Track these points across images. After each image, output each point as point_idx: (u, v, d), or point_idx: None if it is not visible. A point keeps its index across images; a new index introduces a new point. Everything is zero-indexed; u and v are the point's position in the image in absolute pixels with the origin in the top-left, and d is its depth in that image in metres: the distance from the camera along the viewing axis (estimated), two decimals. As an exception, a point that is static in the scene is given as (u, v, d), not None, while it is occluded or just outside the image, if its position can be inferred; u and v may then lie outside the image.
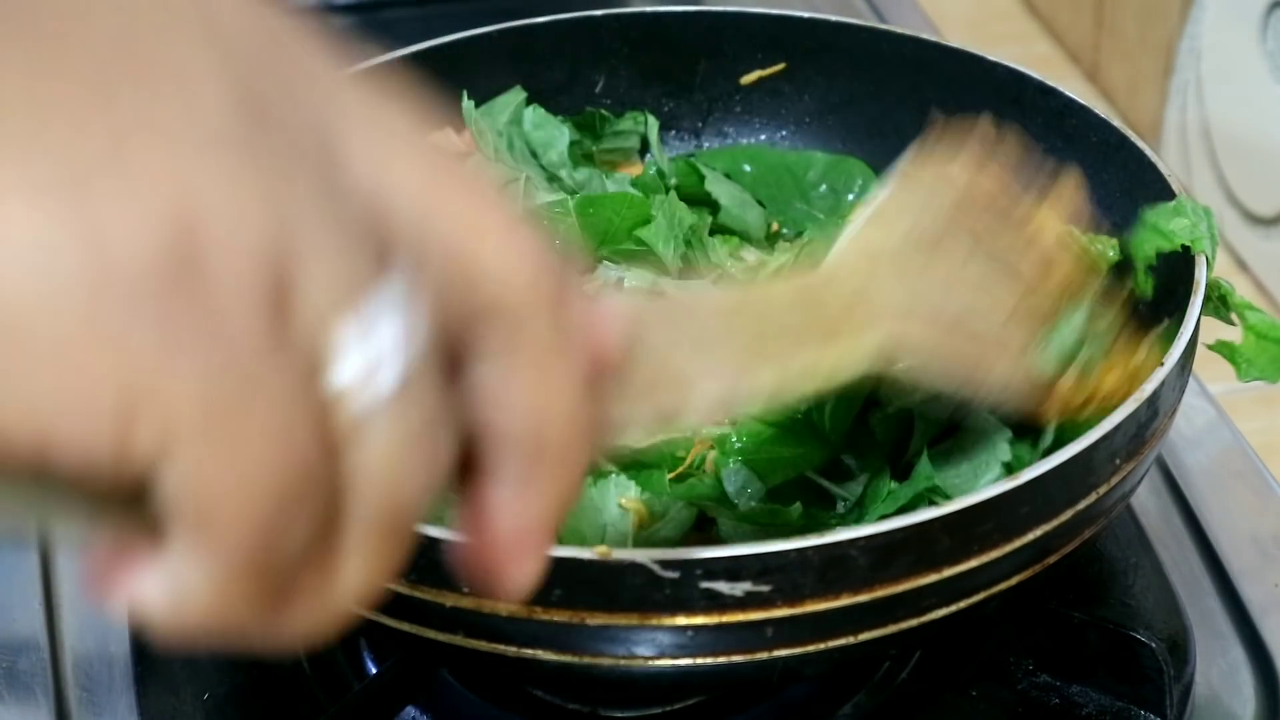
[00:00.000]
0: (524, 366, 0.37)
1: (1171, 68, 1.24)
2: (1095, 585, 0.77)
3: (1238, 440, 0.87)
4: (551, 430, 0.37)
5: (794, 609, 0.59)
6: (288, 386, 0.32)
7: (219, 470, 0.31)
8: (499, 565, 0.39)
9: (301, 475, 0.32)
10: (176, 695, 0.73)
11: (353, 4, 1.30)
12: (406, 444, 0.34)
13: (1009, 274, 0.68)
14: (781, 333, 0.57)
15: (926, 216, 0.67)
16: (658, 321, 0.51)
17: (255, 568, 0.33)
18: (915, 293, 0.64)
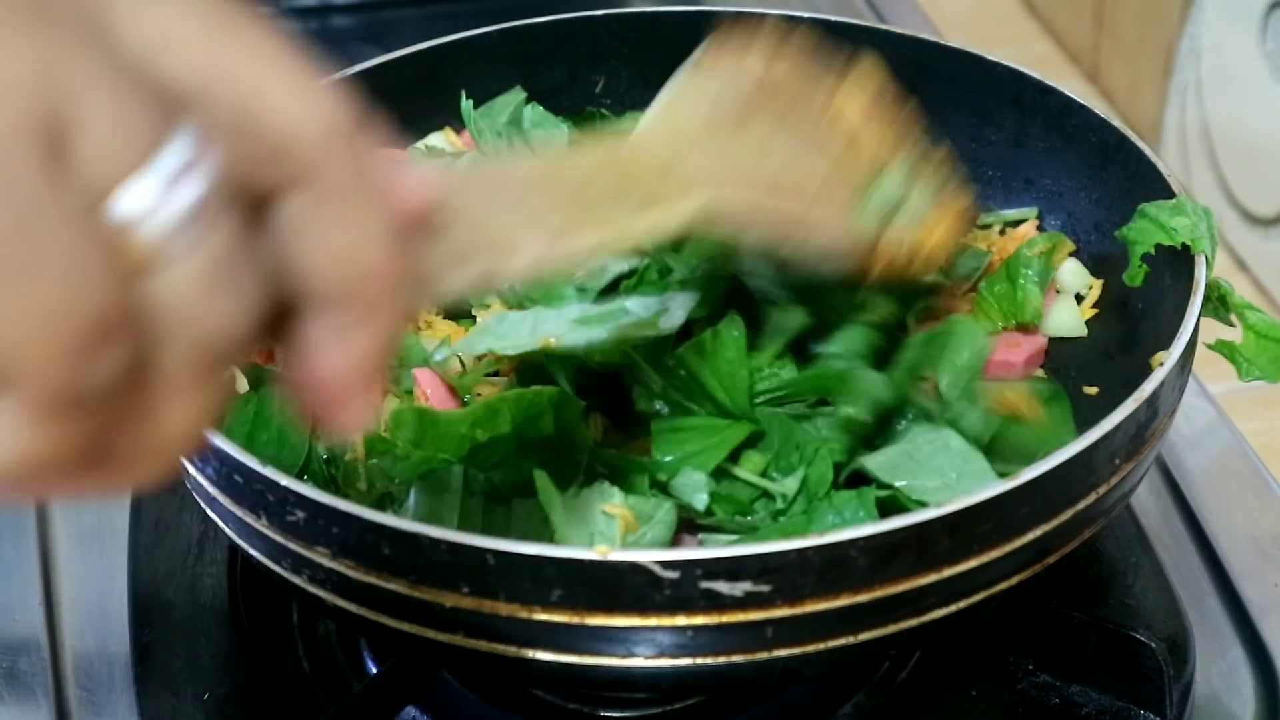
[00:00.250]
0: (322, 206, 0.38)
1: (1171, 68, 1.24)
2: (1095, 585, 0.77)
3: (1237, 440, 0.87)
4: (358, 270, 0.39)
5: (794, 609, 0.59)
6: (72, 225, 0.33)
7: (11, 308, 0.32)
8: (327, 406, 0.40)
9: (100, 307, 0.33)
10: (176, 695, 0.73)
11: (353, 4, 1.30)
12: (206, 275, 0.35)
13: (815, 149, 0.70)
14: (595, 197, 0.58)
15: (727, 97, 0.69)
16: (469, 186, 0.52)
17: (66, 410, 0.33)
18: (727, 160, 0.65)
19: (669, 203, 0.60)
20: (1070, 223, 0.86)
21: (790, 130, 0.70)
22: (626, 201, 0.59)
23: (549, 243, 0.53)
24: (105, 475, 0.36)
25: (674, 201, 0.61)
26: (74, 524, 0.84)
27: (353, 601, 0.62)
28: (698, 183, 0.63)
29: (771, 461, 0.72)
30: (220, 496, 0.65)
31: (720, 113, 0.68)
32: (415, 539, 0.59)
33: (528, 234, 0.53)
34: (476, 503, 0.68)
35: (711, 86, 0.69)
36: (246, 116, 0.37)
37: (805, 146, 0.69)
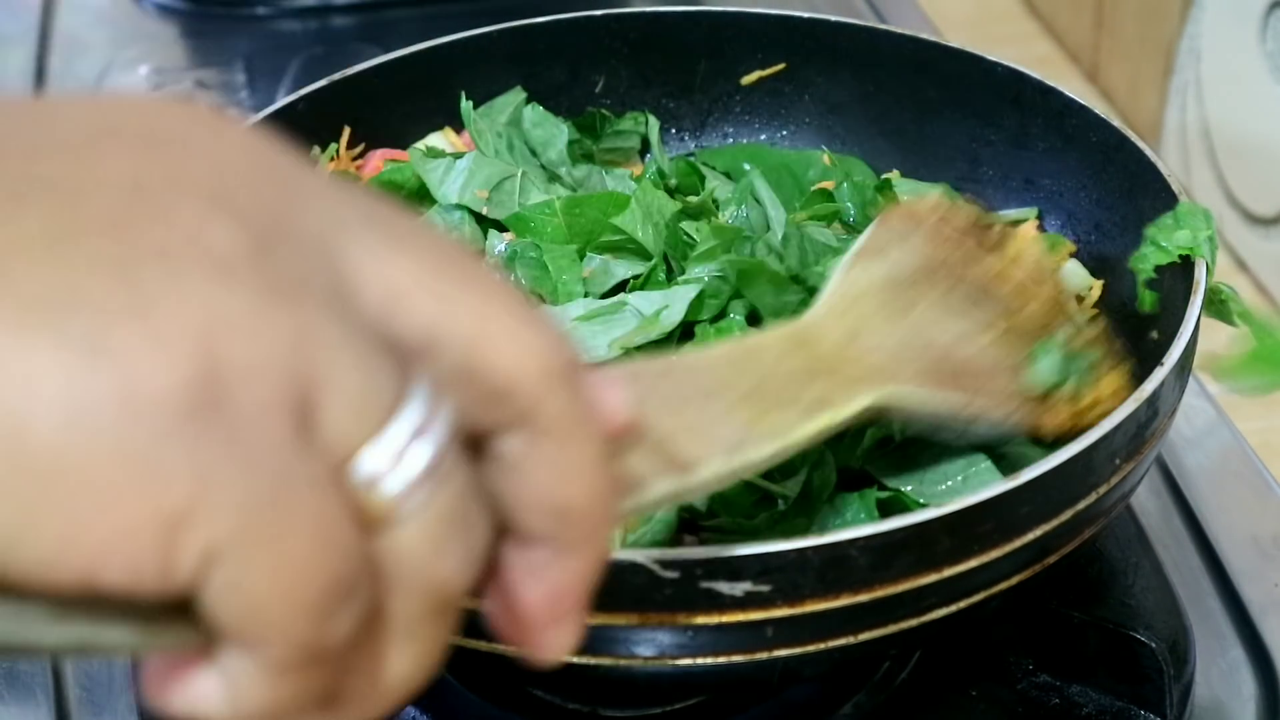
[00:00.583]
0: (545, 442, 0.39)
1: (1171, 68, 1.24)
2: (1095, 585, 0.77)
3: (1238, 440, 0.87)
4: (576, 501, 0.39)
5: (794, 609, 0.59)
6: (319, 493, 0.34)
7: (263, 575, 0.33)
8: (535, 634, 0.41)
9: (340, 571, 0.34)
10: (177, 695, 0.73)
11: (353, 4, 1.30)
12: (439, 528, 0.36)
13: (989, 300, 0.71)
14: (780, 379, 0.59)
15: (904, 255, 0.71)
16: (655, 380, 0.54)
17: (305, 665, 0.35)
18: (902, 330, 0.67)
19: (845, 392, 0.61)
20: (1070, 223, 0.86)
21: (963, 283, 0.71)
22: (810, 377, 0.60)
23: (728, 457, 0.53)
24: (331, 716, 0.37)
25: (849, 393, 0.62)
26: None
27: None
28: (873, 371, 0.64)
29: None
30: (220, 496, 0.65)
31: (897, 272, 0.69)
32: (415, 539, 0.59)
33: (718, 422, 0.54)
34: None
35: (889, 242, 0.71)
36: (472, 362, 0.37)
37: (977, 300, 0.71)
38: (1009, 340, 0.70)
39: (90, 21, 1.33)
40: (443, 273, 0.38)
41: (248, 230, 0.35)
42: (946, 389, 0.66)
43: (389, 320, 0.37)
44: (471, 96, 0.90)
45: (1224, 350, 0.74)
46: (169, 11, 1.33)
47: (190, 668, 0.36)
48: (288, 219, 0.36)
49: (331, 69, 0.88)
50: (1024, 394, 0.69)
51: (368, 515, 0.35)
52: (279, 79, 1.20)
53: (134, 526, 0.32)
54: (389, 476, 0.35)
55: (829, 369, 0.62)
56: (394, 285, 0.37)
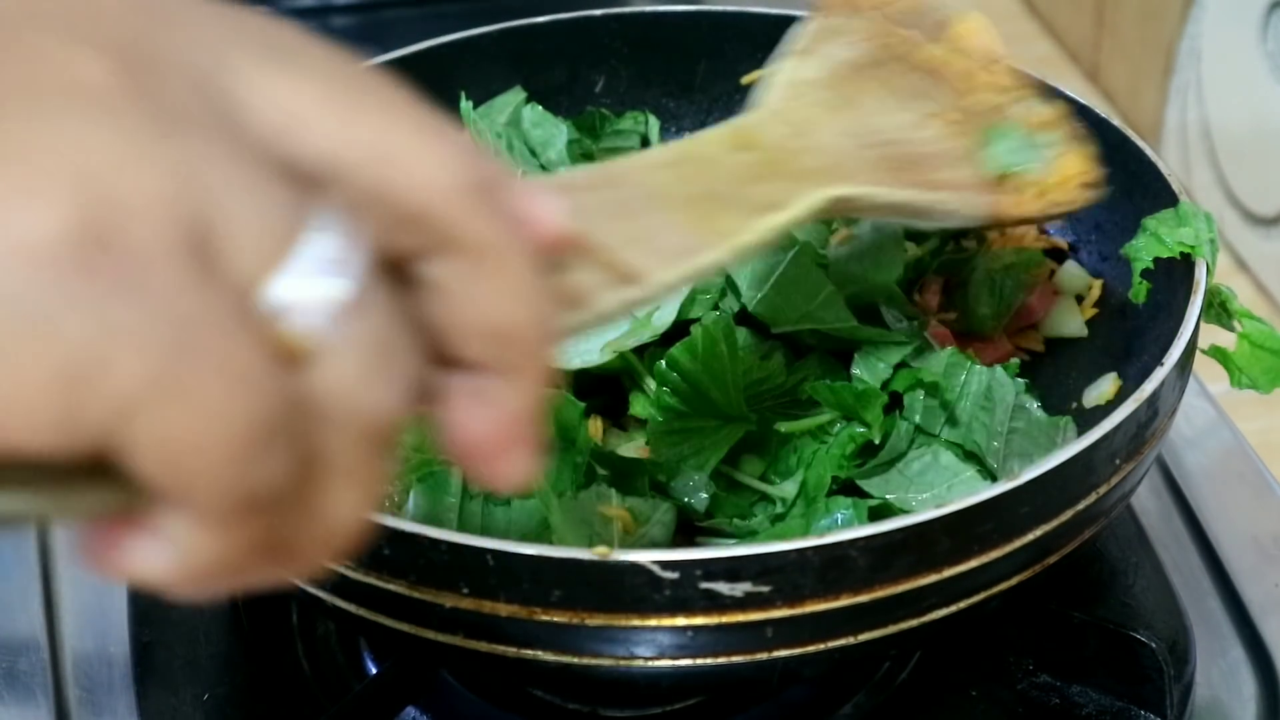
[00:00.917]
0: (471, 264, 0.37)
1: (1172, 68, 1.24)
2: (1095, 585, 0.77)
3: (1238, 440, 0.87)
4: (512, 323, 0.38)
5: (794, 609, 0.59)
6: (228, 333, 0.32)
7: (180, 426, 0.31)
8: (490, 463, 0.39)
9: (261, 410, 0.32)
10: (176, 695, 0.73)
11: (353, 4, 1.30)
12: (365, 358, 0.34)
13: (936, 86, 0.69)
14: (724, 180, 0.57)
15: (843, 47, 0.68)
16: (593, 190, 0.51)
17: (244, 512, 0.33)
18: (848, 122, 0.65)
19: (795, 190, 0.59)
20: (1070, 222, 0.86)
21: (905, 89, 0.69)
22: (759, 176, 0.58)
23: (678, 264, 0.51)
24: (275, 567, 0.35)
25: (799, 190, 0.59)
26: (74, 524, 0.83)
27: (352, 602, 0.62)
28: (822, 167, 0.62)
29: (769, 465, 0.72)
30: (220, 497, 0.65)
31: (838, 80, 0.67)
32: (415, 539, 0.59)
33: (665, 226, 0.51)
34: (476, 504, 0.68)
35: (837, 29, 0.69)
36: (381, 184, 0.36)
37: (925, 84, 0.69)
38: (961, 126, 0.68)
39: (90, 21, 1.32)
40: (342, 93, 0.36)
41: (118, 59, 0.33)
42: (900, 182, 0.64)
43: (286, 146, 0.35)
44: (471, 96, 0.90)
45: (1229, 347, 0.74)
46: None
47: (128, 532, 0.34)
48: (164, 46, 0.34)
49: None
50: (982, 180, 0.67)
51: (286, 350, 0.33)
52: (279, 79, 1.20)
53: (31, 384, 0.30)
54: (303, 307, 0.33)
55: (775, 168, 0.60)
56: (289, 108, 0.35)
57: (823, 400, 0.72)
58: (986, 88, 0.71)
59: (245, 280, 0.33)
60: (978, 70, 0.71)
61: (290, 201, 0.34)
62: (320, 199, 0.34)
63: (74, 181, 0.31)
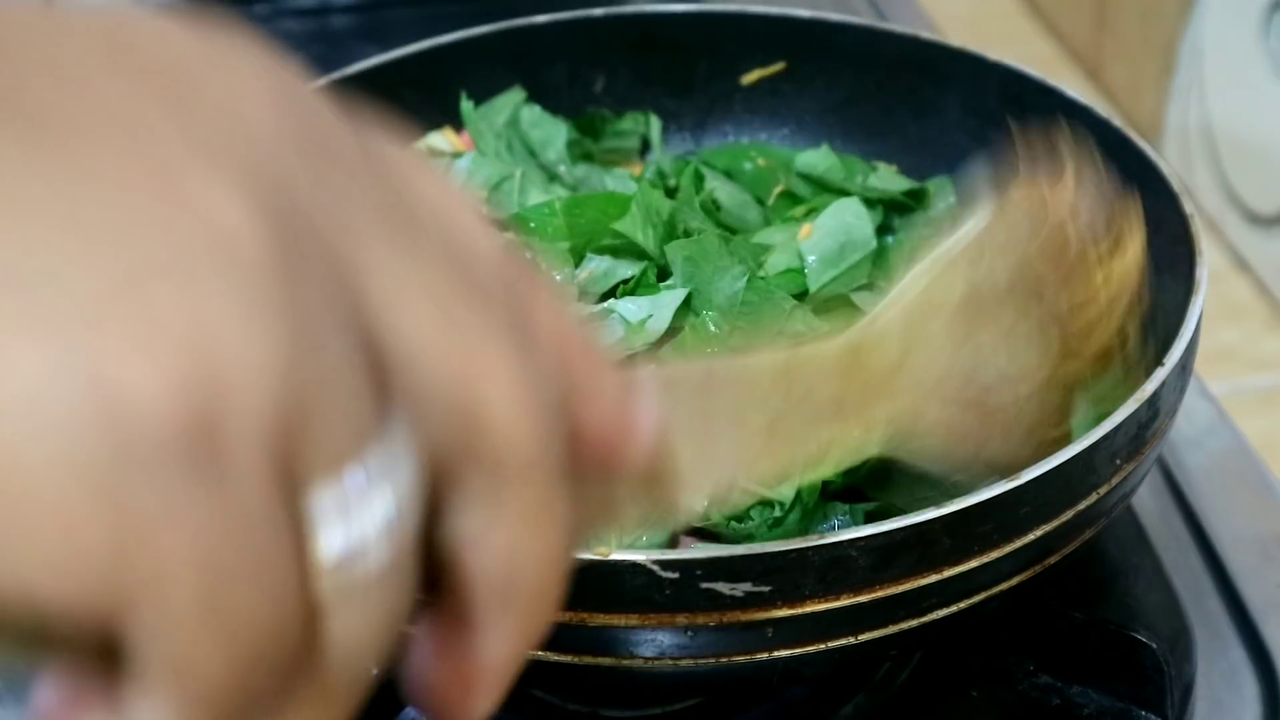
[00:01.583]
0: (511, 520, 0.34)
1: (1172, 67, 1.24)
2: (1096, 585, 0.77)
3: (1238, 440, 0.87)
4: (526, 579, 0.35)
5: (794, 609, 0.59)
6: (282, 556, 0.29)
7: (202, 632, 0.29)
8: (453, 699, 0.37)
9: (280, 643, 0.30)
10: (176, 696, 0.73)
11: (353, 4, 1.30)
12: (383, 619, 0.32)
13: (1053, 337, 0.60)
14: (812, 408, 0.51)
15: (1004, 261, 0.59)
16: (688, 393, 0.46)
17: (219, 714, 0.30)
18: (950, 364, 0.57)
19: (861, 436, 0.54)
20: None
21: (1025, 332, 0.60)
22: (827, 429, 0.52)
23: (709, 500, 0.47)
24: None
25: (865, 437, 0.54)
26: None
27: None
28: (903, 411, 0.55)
29: None
30: (219, 497, 0.65)
31: (971, 306, 0.58)
32: (415, 539, 0.59)
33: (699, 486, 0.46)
34: None
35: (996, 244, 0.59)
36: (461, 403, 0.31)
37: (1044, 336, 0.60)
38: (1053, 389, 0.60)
39: (90, 21, 1.32)
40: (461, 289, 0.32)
41: (265, 213, 0.29)
42: (961, 436, 0.58)
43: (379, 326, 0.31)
44: (471, 96, 0.90)
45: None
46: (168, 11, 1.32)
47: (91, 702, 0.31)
48: (312, 204, 0.30)
49: (331, 69, 0.88)
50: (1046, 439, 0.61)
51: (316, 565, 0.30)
52: (279, 79, 1.20)
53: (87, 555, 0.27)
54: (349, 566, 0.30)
55: (861, 401, 0.54)
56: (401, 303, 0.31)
57: None
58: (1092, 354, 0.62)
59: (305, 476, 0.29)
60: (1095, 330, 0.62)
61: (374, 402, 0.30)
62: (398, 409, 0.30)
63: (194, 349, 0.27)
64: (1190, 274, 0.71)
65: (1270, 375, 1.04)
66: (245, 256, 0.28)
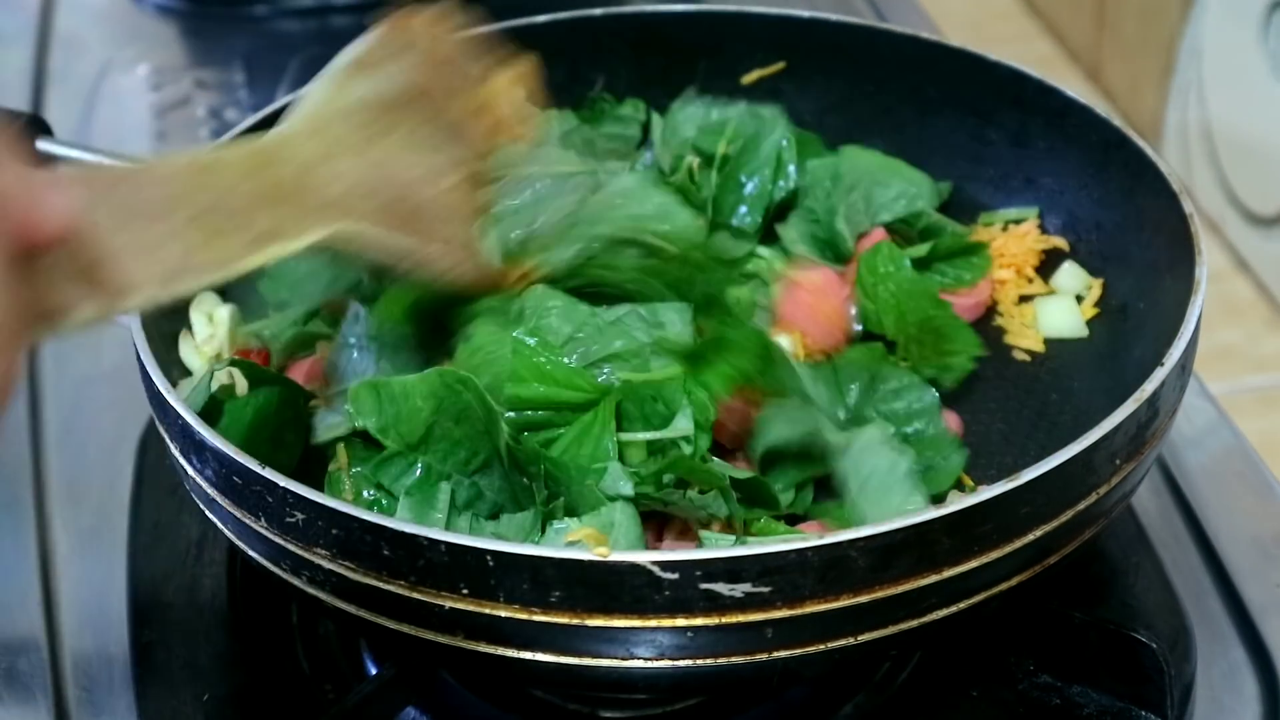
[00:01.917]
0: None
1: (1172, 67, 1.24)
2: (1096, 585, 0.77)
3: (1238, 440, 0.87)
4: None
5: (794, 610, 0.59)
6: None
7: None
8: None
9: None
10: (176, 695, 0.73)
11: (352, 4, 1.30)
12: None
13: (461, 138, 0.71)
14: (237, 200, 0.59)
15: (393, 75, 0.70)
16: (110, 187, 0.54)
17: None
18: (371, 157, 0.67)
19: (298, 225, 0.62)
20: (1071, 221, 0.86)
21: (433, 134, 0.71)
22: (262, 205, 0.60)
23: (163, 285, 0.54)
24: None
25: (302, 225, 0.62)
26: (73, 524, 0.84)
27: (352, 603, 0.62)
28: (331, 204, 0.64)
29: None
30: (219, 498, 0.65)
31: (375, 110, 0.69)
32: (415, 540, 0.59)
33: (146, 271, 0.54)
34: (464, 520, 0.68)
35: (370, 79, 0.70)
36: None
37: (443, 154, 0.71)
38: (471, 185, 0.71)
39: (89, 21, 1.33)
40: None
41: None
42: (399, 231, 0.67)
43: None
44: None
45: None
46: (168, 11, 1.33)
47: None
48: None
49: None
50: (473, 244, 0.70)
51: None
52: (278, 78, 1.20)
53: None
54: None
55: (288, 195, 0.62)
56: None
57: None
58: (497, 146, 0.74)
59: None
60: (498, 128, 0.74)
61: None
62: None
63: None
64: (1190, 274, 0.71)
65: (1270, 375, 1.04)
66: None
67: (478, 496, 0.68)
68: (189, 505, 0.74)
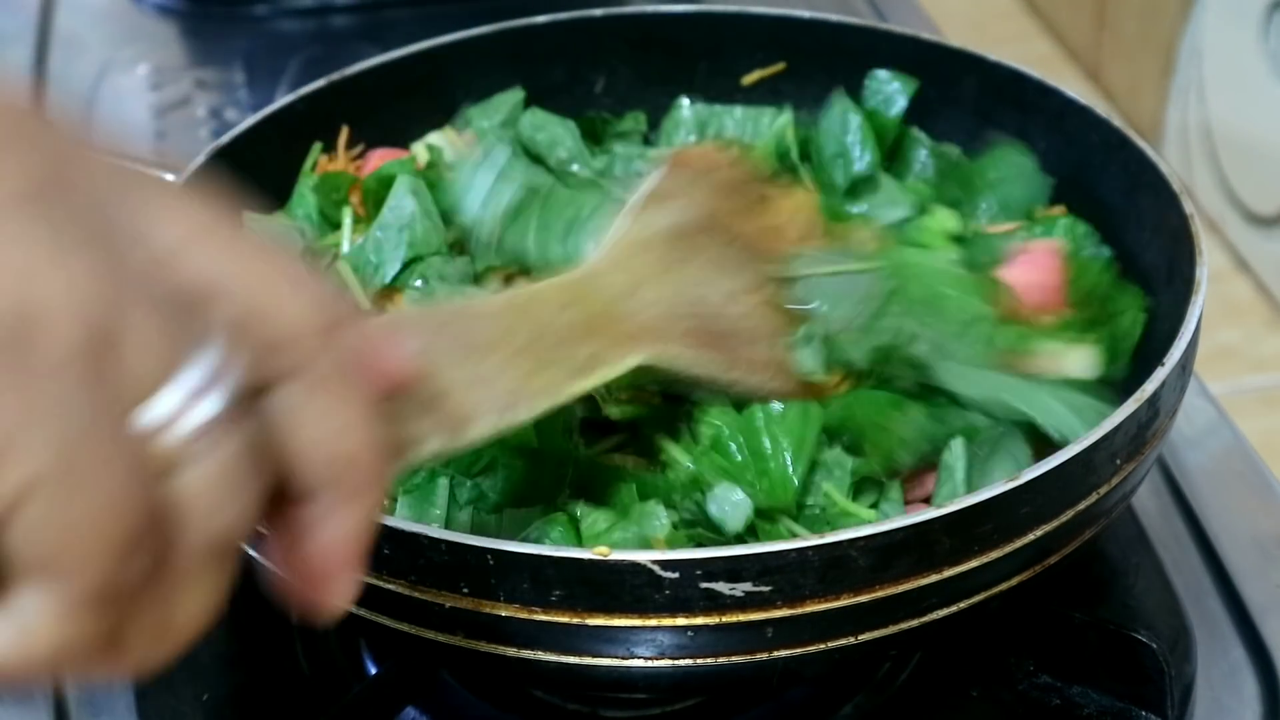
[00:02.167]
0: (314, 395, 0.41)
1: (1172, 67, 1.24)
2: (1096, 585, 0.77)
3: (1239, 440, 0.87)
4: (346, 455, 0.42)
5: (794, 609, 0.59)
6: (121, 437, 0.36)
7: (70, 514, 0.35)
8: (315, 585, 0.43)
9: (140, 511, 0.36)
10: (175, 695, 0.73)
11: (353, 4, 1.30)
12: (224, 474, 0.38)
13: (761, 259, 0.74)
14: (557, 333, 0.62)
15: (688, 204, 0.73)
16: (438, 330, 0.56)
17: (99, 603, 0.36)
18: (678, 284, 0.69)
19: (617, 351, 0.64)
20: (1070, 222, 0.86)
21: (733, 257, 0.73)
22: (582, 334, 0.63)
23: (500, 415, 0.56)
24: (116, 659, 0.38)
25: (621, 351, 0.64)
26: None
27: (352, 602, 0.62)
28: (646, 329, 0.66)
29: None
30: (219, 497, 0.65)
31: (667, 243, 0.71)
32: (415, 539, 0.59)
33: (493, 376, 0.56)
34: (465, 515, 0.68)
35: (677, 190, 0.74)
36: (256, 309, 0.40)
37: (745, 276, 0.72)
38: (770, 304, 0.72)
39: (89, 20, 1.33)
40: (220, 229, 0.41)
41: (39, 171, 0.37)
42: (711, 351, 0.68)
43: (176, 268, 0.39)
44: (471, 96, 0.89)
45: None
46: (168, 11, 1.33)
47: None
48: (68, 170, 0.38)
49: (331, 69, 0.88)
50: (781, 361, 0.70)
51: (159, 462, 0.37)
52: (278, 79, 1.20)
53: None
54: (178, 422, 0.37)
55: (603, 325, 0.64)
56: (178, 235, 0.39)
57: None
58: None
59: (136, 390, 0.36)
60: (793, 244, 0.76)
61: (183, 321, 0.38)
62: (207, 321, 0.38)
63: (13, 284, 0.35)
64: (1190, 274, 0.71)
65: (1270, 375, 1.04)
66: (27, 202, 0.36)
67: (480, 497, 0.68)
68: (189, 505, 0.74)
